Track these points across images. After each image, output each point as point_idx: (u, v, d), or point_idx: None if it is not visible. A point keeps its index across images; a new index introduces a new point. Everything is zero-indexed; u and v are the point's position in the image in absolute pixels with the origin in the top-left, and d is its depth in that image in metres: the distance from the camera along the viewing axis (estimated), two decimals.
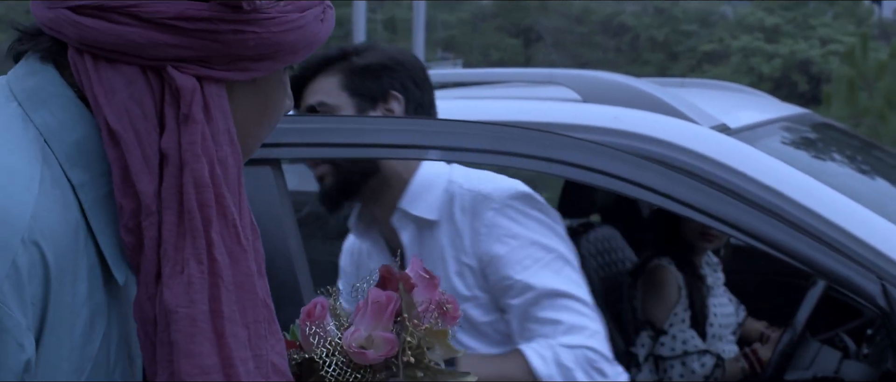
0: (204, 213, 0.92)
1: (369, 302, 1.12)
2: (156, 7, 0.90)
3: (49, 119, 0.92)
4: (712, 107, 2.47)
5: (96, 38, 0.91)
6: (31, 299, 0.84)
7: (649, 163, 2.02)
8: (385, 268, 1.18)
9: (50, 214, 0.87)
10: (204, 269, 0.91)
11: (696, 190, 1.98)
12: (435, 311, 1.15)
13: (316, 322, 1.15)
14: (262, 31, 0.94)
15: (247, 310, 0.94)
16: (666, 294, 2.88)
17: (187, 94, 0.92)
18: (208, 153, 0.93)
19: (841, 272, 1.90)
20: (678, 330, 2.83)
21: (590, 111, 2.40)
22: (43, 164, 0.89)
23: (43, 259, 0.85)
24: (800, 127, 2.78)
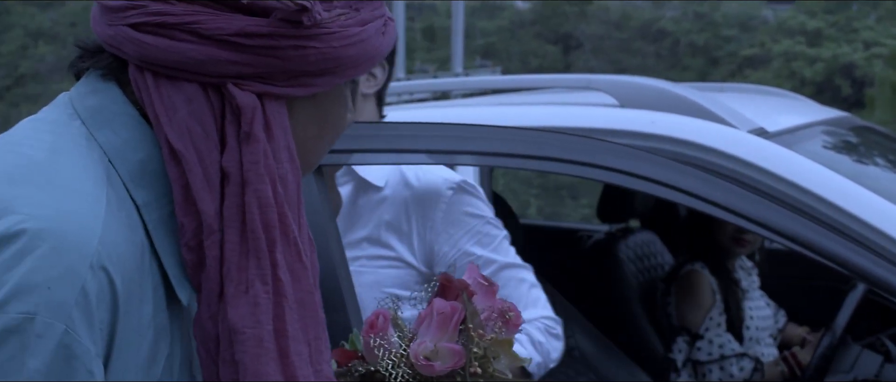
0: (268, 234, 0.91)
1: (434, 313, 1.12)
2: (216, 24, 0.89)
3: (113, 138, 0.92)
4: (750, 111, 2.47)
5: (156, 56, 0.90)
6: (99, 325, 0.84)
7: (688, 167, 2.03)
8: (444, 277, 1.18)
9: (117, 237, 0.87)
10: (269, 290, 0.91)
11: (734, 193, 1.98)
12: (498, 320, 1.16)
13: (379, 333, 1.15)
14: (323, 47, 0.92)
15: (308, 327, 0.95)
16: (700, 298, 2.88)
17: (248, 112, 0.91)
18: (270, 172, 0.92)
19: (880, 275, 1.90)
20: (714, 335, 2.83)
21: (627, 116, 2.41)
22: (108, 185, 0.89)
23: (111, 284, 0.85)
24: (839, 130, 2.78)
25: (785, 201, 2.04)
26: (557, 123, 2.51)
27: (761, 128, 2.36)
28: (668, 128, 2.32)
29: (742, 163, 2.20)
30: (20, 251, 0.81)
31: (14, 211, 0.83)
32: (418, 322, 1.16)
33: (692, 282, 2.90)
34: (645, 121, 2.36)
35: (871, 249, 1.93)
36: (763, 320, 2.94)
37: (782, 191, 2.12)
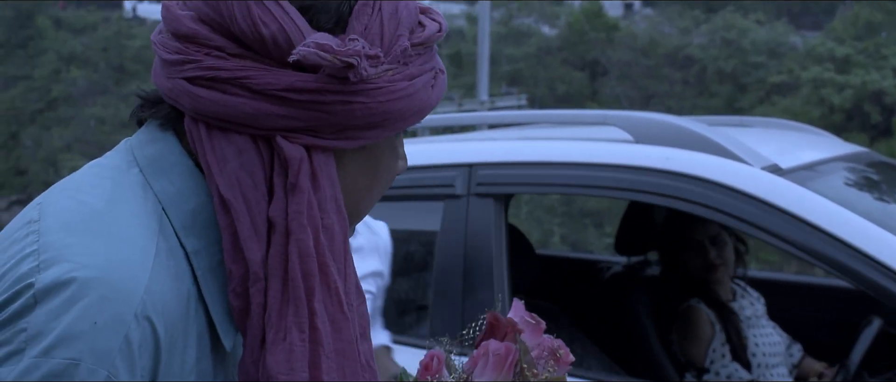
0: (307, 283, 0.93)
1: (490, 354, 1.14)
2: (266, 79, 0.92)
3: (169, 187, 0.94)
4: (765, 147, 2.49)
5: (209, 109, 0.93)
6: (141, 372, 0.86)
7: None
8: (492, 315, 1.20)
9: (163, 287, 0.89)
10: (305, 338, 0.92)
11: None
12: (548, 358, 1.17)
13: (435, 375, 1.17)
14: (370, 102, 0.94)
15: (347, 377, 0.96)
16: (700, 332, 2.90)
17: (295, 164, 0.93)
18: (313, 222, 0.93)
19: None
20: (720, 366, 2.84)
21: (643, 152, 2.44)
22: (159, 235, 0.92)
23: (154, 333, 0.87)
24: (857, 166, 2.79)
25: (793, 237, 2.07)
26: (575, 158, 2.55)
27: (775, 164, 2.38)
28: (682, 165, 2.35)
29: (754, 200, 2.23)
30: (69, 299, 0.84)
31: (66, 259, 0.86)
32: (471, 362, 1.17)
33: (690, 318, 2.92)
34: (660, 158, 2.39)
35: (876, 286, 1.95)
36: (771, 347, 2.94)
37: (793, 227, 2.14)
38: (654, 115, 2.62)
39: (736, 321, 2.92)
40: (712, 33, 24.23)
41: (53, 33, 27.04)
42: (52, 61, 26.88)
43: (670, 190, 2.33)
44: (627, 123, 2.56)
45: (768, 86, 22.44)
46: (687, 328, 2.92)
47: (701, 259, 2.97)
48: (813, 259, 2.17)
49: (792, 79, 21.79)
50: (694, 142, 2.41)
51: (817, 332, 3.26)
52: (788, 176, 2.32)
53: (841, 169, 2.66)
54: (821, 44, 22.14)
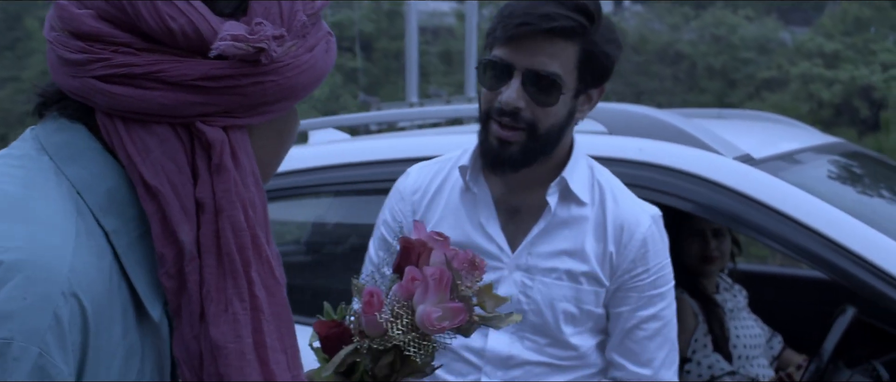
0: (243, 255, 0.99)
1: (429, 279, 1.22)
2: (180, 70, 0.95)
3: (81, 172, 0.97)
4: (740, 138, 2.50)
5: (124, 104, 0.96)
6: (71, 347, 0.89)
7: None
8: (404, 239, 1.28)
9: (87, 266, 0.92)
10: (246, 306, 0.98)
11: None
12: (469, 268, 1.26)
13: (377, 309, 1.25)
14: (279, 79, 0.99)
15: (284, 337, 1.02)
16: (682, 322, 2.90)
17: (217, 146, 0.98)
18: (241, 198, 0.99)
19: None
20: (702, 356, 2.85)
21: (616, 143, 2.45)
22: (78, 216, 0.94)
23: (82, 309, 0.90)
24: (831, 156, 2.80)
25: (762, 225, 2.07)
26: None
27: (747, 154, 2.38)
28: (655, 156, 2.36)
29: (726, 190, 2.23)
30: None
31: None
32: (402, 290, 1.25)
33: None
34: (633, 149, 2.40)
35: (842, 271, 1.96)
36: (752, 339, 2.95)
37: (761, 216, 2.15)
38: (629, 107, 2.63)
39: (719, 313, 2.93)
40: (702, 29, 24.25)
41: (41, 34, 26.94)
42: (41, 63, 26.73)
43: (643, 180, 2.34)
44: (602, 115, 2.56)
45: (758, 81, 22.47)
46: None
47: (700, 248, 2.97)
48: (784, 248, 2.18)
49: (781, 74, 21.82)
50: (668, 133, 2.42)
51: (800, 324, 3.27)
52: (761, 166, 2.33)
53: (815, 159, 2.67)
54: (810, 39, 22.18)
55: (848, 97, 20.55)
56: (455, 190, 1.99)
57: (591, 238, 1.90)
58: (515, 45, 1.80)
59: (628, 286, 1.90)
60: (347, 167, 2.79)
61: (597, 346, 1.95)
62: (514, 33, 1.78)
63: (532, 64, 1.79)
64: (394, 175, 2.62)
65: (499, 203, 1.95)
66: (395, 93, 21.14)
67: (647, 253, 1.90)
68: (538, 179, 1.90)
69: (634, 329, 1.91)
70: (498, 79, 1.82)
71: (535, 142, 1.83)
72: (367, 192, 2.72)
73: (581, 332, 1.93)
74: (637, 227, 1.90)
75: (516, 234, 1.94)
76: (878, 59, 20.60)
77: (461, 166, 1.96)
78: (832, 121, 19.74)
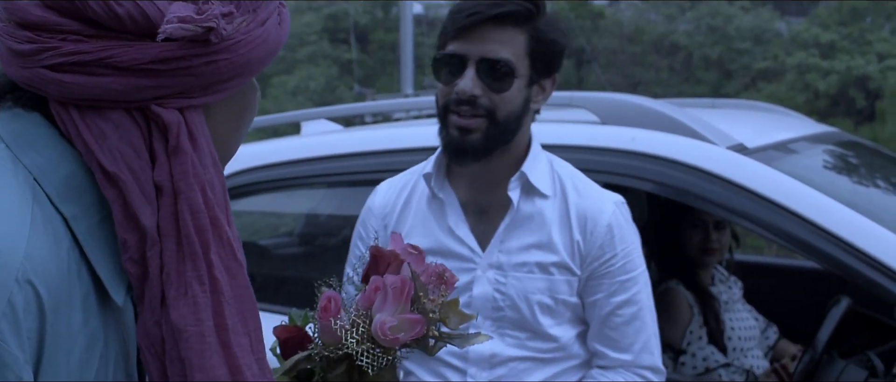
0: (202, 237, 0.97)
1: (388, 288, 1.19)
2: (130, 55, 0.93)
3: (37, 159, 0.96)
4: (733, 128, 2.49)
5: (76, 92, 0.94)
6: (27, 334, 0.89)
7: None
8: (374, 248, 1.26)
9: (42, 252, 0.91)
10: (206, 289, 0.97)
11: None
12: (437, 282, 1.23)
13: (335, 315, 1.21)
14: (232, 56, 0.98)
15: (247, 320, 1.01)
16: (678, 314, 2.90)
17: (174, 127, 0.96)
18: (199, 179, 0.98)
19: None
20: (697, 348, 2.85)
21: (608, 133, 2.44)
22: (34, 203, 0.93)
23: (37, 296, 0.89)
24: (825, 145, 2.79)
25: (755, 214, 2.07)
26: (541, 140, 2.54)
27: (741, 144, 2.37)
28: (647, 145, 2.35)
29: (719, 179, 2.22)
30: None
31: None
32: (364, 298, 1.21)
33: (668, 300, 2.91)
34: (625, 138, 2.39)
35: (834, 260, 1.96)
36: (747, 331, 2.95)
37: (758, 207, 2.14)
38: (621, 96, 2.61)
39: (715, 305, 2.92)
40: (698, 20, 24.24)
41: None
42: None
43: (635, 170, 2.33)
44: (594, 105, 2.55)
45: (754, 72, 22.48)
46: (664, 310, 2.92)
47: (701, 239, 2.96)
48: (778, 238, 2.17)
49: (777, 64, 21.82)
50: (660, 123, 2.41)
51: (794, 314, 3.26)
52: (754, 155, 2.32)
53: (808, 148, 2.67)
54: (806, 29, 22.18)
55: (844, 87, 20.55)
56: (422, 199, 2.02)
57: (557, 229, 1.93)
58: (466, 35, 1.85)
59: (599, 272, 1.93)
60: (340, 158, 2.78)
61: (578, 337, 1.97)
62: (465, 24, 1.83)
63: (484, 52, 1.84)
64: (387, 166, 2.61)
65: (466, 205, 1.98)
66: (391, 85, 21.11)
67: (614, 238, 1.93)
68: (500, 176, 1.94)
69: (610, 315, 1.93)
70: (453, 72, 1.87)
71: (495, 128, 1.86)
72: (361, 183, 2.71)
73: (560, 323, 1.95)
74: (600, 214, 1.93)
75: (486, 233, 1.96)
76: (874, 49, 20.60)
77: (425, 174, 2.00)
78: (828, 111, 19.75)
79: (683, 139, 2.34)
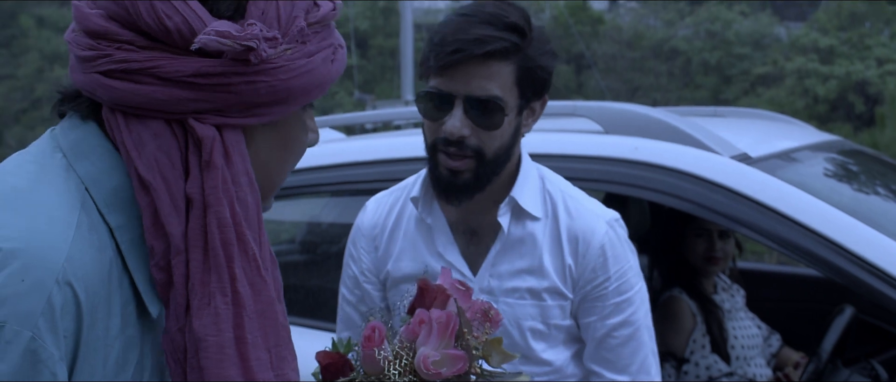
0: (227, 251, 1.01)
1: (433, 322, 1.21)
2: (174, 66, 0.99)
3: (90, 168, 1.01)
4: (736, 137, 2.48)
5: (124, 98, 1.00)
6: (64, 333, 0.93)
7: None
8: (422, 281, 1.27)
9: (84, 257, 0.95)
10: (228, 301, 1.01)
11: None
12: (482, 319, 1.25)
13: (377, 345, 1.23)
14: (272, 80, 1.02)
15: (268, 336, 1.04)
16: (681, 323, 2.89)
17: (208, 143, 1.01)
18: (228, 195, 1.01)
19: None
20: (700, 357, 2.84)
21: (611, 142, 2.43)
22: (81, 210, 0.98)
23: (76, 297, 0.94)
24: (828, 154, 2.78)
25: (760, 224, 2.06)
26: (544, 150, 2.54)
27: (744, 153, 2.37)
28: (651, 155, 2.34)
29: (723, 189, 2.22)
30: None
31: None
32: (408, 330, 1.23)
33: (672, 308, 2.91)
34: (628, 148, 2.38)
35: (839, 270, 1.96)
36: (750, 339, 2.95)
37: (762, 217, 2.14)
38: (624, 105, 2.61)
39: (718, 314, 2.92)
40: (697, 25, 24.26)
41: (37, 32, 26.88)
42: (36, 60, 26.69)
43: (639, 180, 2.32)
44: (597, 114, 2.55)
45: (753, 77, 22.49)
46: (667, 318, 2.91)
47: (705, 248, 2.96)
48: (783, 248, 2.16)
49: (776, 70, 21.83)
50: (664, 132, 2.40)
51: (797, 322, 3.26)
52: (758, 165, 2.32)
53: (812, 157, 2.66)
54: (805, 35, 22.19)
55: (843, 92, 20.56)
56: (411, 220, 1.98)
57: (548, 253, 1.88)
58: (451, 73, 1.75)
59: (592, 296, 1.88)
60: (343, 167, 2.78)
61: (573, 358, 1.93)
62: (448, 62, 1.74)
63: (471, 90, 1.75)
64: (389, 175, 2.61)
65: (455, 227, 1.93)
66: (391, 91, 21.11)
67: (607, 260, 1.87)
68: (490, 198, 1.88)
69: (606, 337, 1.88)
70: (439, 109, 1.78)
71: (484, 167, 1.80)
72: (363, 192, 2.71)
73: (553, 346, 1.91)
74: (592, 236, 1.87)
75: (476, 257, 1.92)
76: (873, 54, 20.60)
77: (412, 198, 1.95)
78: (827, 116, 19.75)
79: (687, 149, 2.33)
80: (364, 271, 2.02)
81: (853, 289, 2.08)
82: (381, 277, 2.01)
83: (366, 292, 2.02)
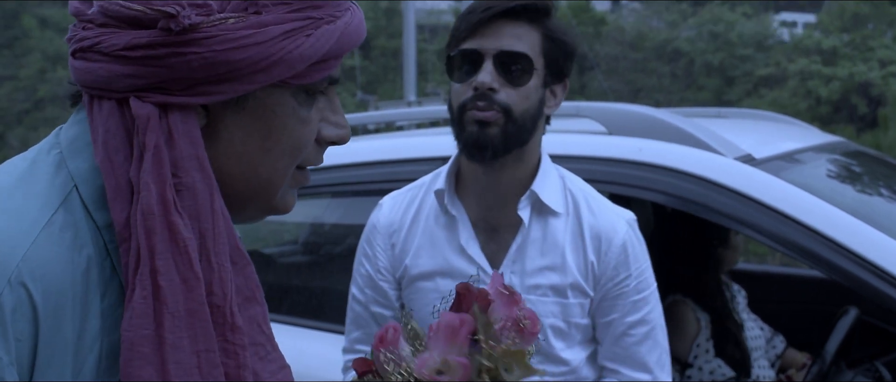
0: (149, 240, 0.92)
1: (441, 326, 1.11)
2: (112, 40, 0.94)
3: (82, 165, 0.96)
4: (740, 138, 2.48)
5: (82, 78, 0.96)
6: (16, 335, 0.88)
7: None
8: (462, 286, 1.16)
9: (47, 256, 0.90)
10: (147, 294, 0.92)
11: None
12: (512, 329, 1.13)
13: (389, 347, 1.14)
14: (204, 51, 0.92)
15: (198, 338, 0.94)
16: (685, 327, 2.89)
17: (142, 121, 0.93)
18: (161, 180, 0.93)
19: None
20: (704, 362, 2.83)
21: (615, 143, 2.43)
22: (60, 209, 0.93)
23: (30, 298, 0.88)
24: (832, 155, 2.78)
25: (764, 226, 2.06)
26: (548, 151, 2.54)
27: (748, 154, 2.36)
28: (655, 156, 2.34)
29: (727, 191, 2.21)
30: None
31: None
32: (429, 332, 1.13)
33: (676, 313, 2.90)
34: (632, 149, 2.38)
35: (843, 272, 1.95)
36: (753, 340, 2.94)
37: (766, 218, 2.14)
38: (628, 106, 2.60)
39: (723, 318, 2.91)
40: (700, 27, 24.27)
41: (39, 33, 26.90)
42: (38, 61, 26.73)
43: (642, 181, 2.32)
44: (601, 115, 2.54)
45: (756, 78, 22.49)
46: (671, 322, 2.91)
47: (709, 250, 2.96)
48: (787, 249, 2.16)
49: (779, 71, 21.83)
50: (667, 133, 2.40)
51: (801, 323, 3.25)
52: (762, 166, 2.31)
53: (816, 158, 2.66)
54: (808, 36, 22.19)
55: (846, 94, 20.55)
56: (430, 217, 1.98)
57: (570, 249, 1.89)
58: (482, 32, 1.82)
59: (613, 294, 1.90)
60: (346, 168, 2.78)
61: (587, 360, 1.94)
62: (481, 18, 1.81)
63: (501, 45, 1.81)
64: (392, 175, 2.61)
65: (476, 223, 1.93)
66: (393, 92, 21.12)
67: (628, 258, 1.89)
68: (510, 192, 1.90)
69: (623, 335, 1.90)
70: (469, 69, 1.83)
71: (512, 125, 1.81)
72: (366, 193, 2.71)
73: (571, 346, 1.91)
74: (615, 234, 1.89)
75: (497, 253, 1.92)
76: (876, 55, 20.60)
77: (437, 190, 1.95)
78: (830, 117, 19.75)
79: (691, 150, 2.33)
80: (380, 269, 2.01)
81: (857, 291, 2.08)
82: (398, 275, 2.01)
83: (381, 291, 2.02)
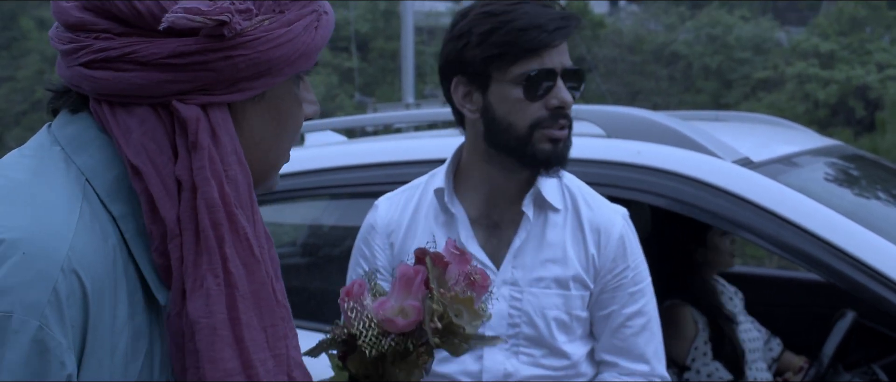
0: (217, 232, 1.00)
1: (399, 276, 1.24)
2: (150, 50, 0.98)
3: (89, 160, 1.01)
4: (739, 141, 2.49)
5: (107, 87, 1.00)
6: (71, 321, 0.93)
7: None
8: (419, 250, 1.29)
9: (87, 245, 0.95)
10: (220, 282, 1.00)
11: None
12: (463, 281, 1.27)
13: (354, 299, 1.26)
14: (250, 53, 1.00)
15: (264, 315, 1.03)
16: (683, 330, 2.89)
17: (192, 123, 1.00)
18: (217, 175, 1.00)
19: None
20: (701, 364, 2.84)
21: (613, 146, 2.44)
22: (84, 200, 0.98)
23: (82, 286, 0.93)
24: (829, 158, 2.79)
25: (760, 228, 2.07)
26: None
27: (746, 157, 2.37)
28: (653, 159, 2.35)
29: (725, 194, 2.22)
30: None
31: None
32: (390, 288, 1.26)
33: (673, 316, 2.91)
34: (631, 152, 2.39)
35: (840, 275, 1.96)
36: (750, 343, 2.94)
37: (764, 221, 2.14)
38: (626, 110, 2.61)
39: (720, 320, 2.91)
40: (698, 29, 24.27)
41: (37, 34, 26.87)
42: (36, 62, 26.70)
43: (641, 184, 2.33)
44: (599, 118, 2.55)
45: (754, 81, 22.49)
46: (669, 325, 2.91)
47: (706, 252, 2.97)
48: (783, 252, 2.17)
49: (777, 74, 21.84)
50: (665, 136, 2.41)
51: (798, 326, 3.26)
52: (759, 169, 2.32)
53: (814, 162, 2.67)
54: (805, 39, 22.20)
55: (843, 97, 20.56)
56: (429, 216, 2.00)
57: (571, 243, 1.94)
58: (549, 49, 1.86)
59: (612, 285, 1.94)
60: (345, 169, 2.78)
61: (587, 355, 1.97)
62: (553, 37, 1.85)
63: (565, 62, 1.89)
64: (390, 178, 2.61)
65: (476, 221, 1.97)
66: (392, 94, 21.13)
67: (626, 250, 1.94)
68: (517, 190, 1.94)
69: (621, 327, 1.94)
70: (547, 87, 1.87)
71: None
72: (364, 195, 2.71)
73: (573, 340, 1.94)
74: (613, 227, 1.94)
75: (498, 249, 1.95)
76: (874, 58, 20.61)
77: (437, 189, 1.98)
78: (828, 121, 19.76)
79: (689, 153, 2.34)
80: (379, 269, 2.02)
81: (854, 293, 2.09)
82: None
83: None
